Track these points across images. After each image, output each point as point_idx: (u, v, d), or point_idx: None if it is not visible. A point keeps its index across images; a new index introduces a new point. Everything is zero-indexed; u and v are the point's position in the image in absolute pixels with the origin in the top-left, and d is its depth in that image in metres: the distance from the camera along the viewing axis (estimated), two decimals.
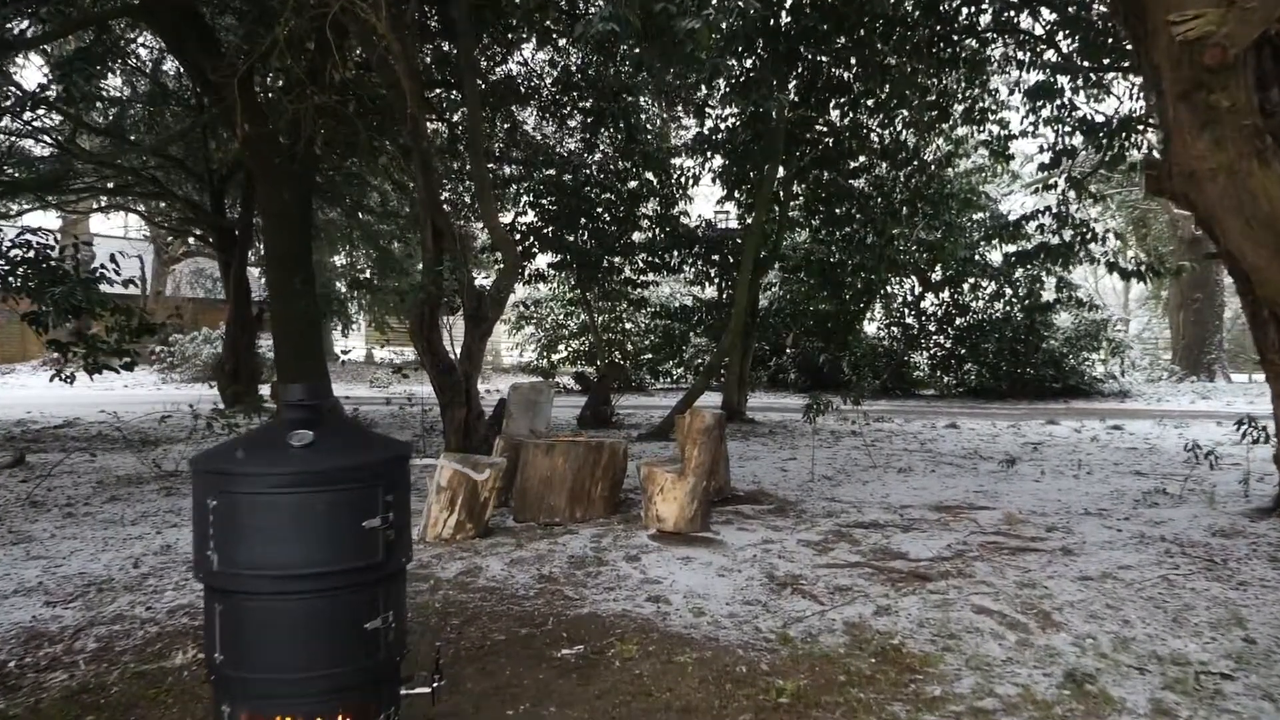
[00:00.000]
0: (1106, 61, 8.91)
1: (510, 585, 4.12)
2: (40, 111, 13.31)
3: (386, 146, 8.70)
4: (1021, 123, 10.41)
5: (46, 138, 13.63)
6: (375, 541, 2.05)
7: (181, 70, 12.11)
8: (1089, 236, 10.23)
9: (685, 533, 4.99)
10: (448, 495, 4.88)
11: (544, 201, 13.60)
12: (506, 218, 14.29)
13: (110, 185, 15.14)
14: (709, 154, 12.68)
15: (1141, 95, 10.20)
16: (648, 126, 14.17)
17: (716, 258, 13.89)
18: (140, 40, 13.41)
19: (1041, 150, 10.14)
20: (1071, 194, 10.13)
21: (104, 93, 14.37)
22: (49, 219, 26.24)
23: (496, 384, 18.50)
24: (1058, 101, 9.84)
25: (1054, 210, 9.89)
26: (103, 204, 17.18)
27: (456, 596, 3.97)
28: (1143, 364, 21.65)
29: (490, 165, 14.87)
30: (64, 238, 23.72)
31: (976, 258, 17.36)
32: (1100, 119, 9.40)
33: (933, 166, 12.79)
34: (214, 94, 8.89)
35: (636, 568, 4.38)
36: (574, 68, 13.28)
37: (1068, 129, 9.90)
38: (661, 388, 20.75)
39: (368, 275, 20.92)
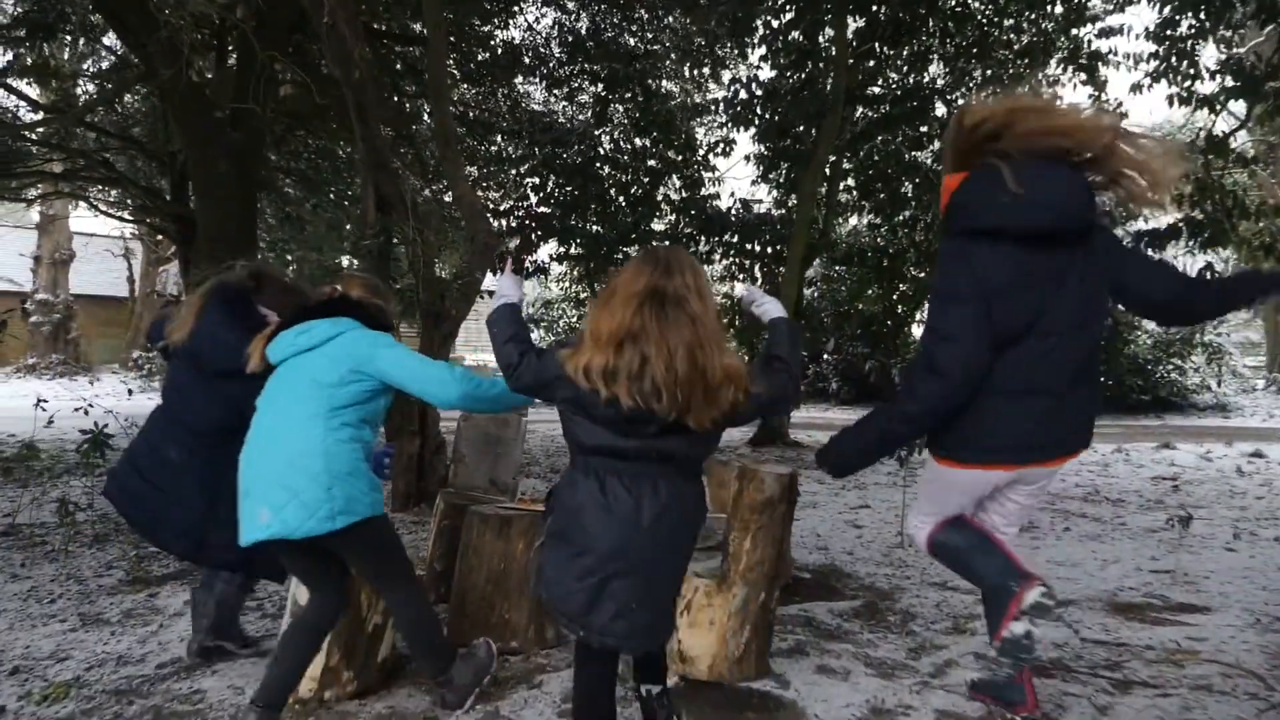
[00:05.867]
0: None
1: None
2: None
3: (293, 76, 6.63)
4: (1136, 68, 8.33)
5: None
6: None
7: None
8: (1235, 211, 7.94)
9: (729, 683, 2.86)
10: None
11: (549, 183, 11.52)
12: (504, 205, 12.25)
13: (58, 170, 13.32)
14: (746, 116, 10.46)
15: None
16: (666, 94, 12.04)
17: (752, 246, 11.67)
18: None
19: (1171, 104, 7.93)
20: (1211, 157, 7.85)
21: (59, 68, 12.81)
22: (31, 213, 24.76)
23: None
24: (1191, 40, 7.73)
25: (1194, 176, 7.60)
26: (34, 193, 15.42)
27: None
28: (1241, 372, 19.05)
29: (494, 146, 12.89)
30: (42, 235, 22.18)
31: None
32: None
33: None
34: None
35: None
36: (584, 31, 11.28)
37: (1208, 72, 7.77)
38: None
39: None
